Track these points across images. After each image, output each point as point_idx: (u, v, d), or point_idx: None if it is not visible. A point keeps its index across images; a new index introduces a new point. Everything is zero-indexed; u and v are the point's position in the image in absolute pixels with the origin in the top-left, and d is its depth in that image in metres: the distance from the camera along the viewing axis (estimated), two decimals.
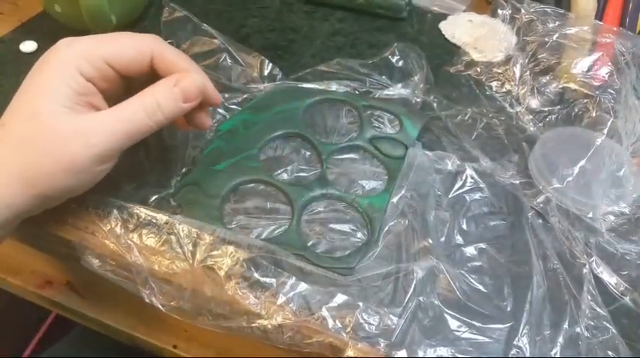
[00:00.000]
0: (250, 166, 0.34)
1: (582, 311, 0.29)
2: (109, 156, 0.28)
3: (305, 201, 0.33)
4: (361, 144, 0.37)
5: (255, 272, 0.29)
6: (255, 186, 0.34)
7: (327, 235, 0.32)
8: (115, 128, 0.27)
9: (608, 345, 0.29)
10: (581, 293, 0.30)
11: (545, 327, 0.29)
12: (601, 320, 0.29)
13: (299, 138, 0.37)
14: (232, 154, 0.35)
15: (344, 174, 0.35)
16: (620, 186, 0.35)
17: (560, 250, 0.32)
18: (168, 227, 0.30)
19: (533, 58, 0.44)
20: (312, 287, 0.28)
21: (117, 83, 0.30)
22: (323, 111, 0.39)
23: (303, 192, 0.33)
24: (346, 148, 0.37)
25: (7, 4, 0.49)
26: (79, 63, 0.28)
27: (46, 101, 0.27)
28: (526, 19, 0.46)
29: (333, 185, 0.34)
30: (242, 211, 0.32)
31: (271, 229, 0.32)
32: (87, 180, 0.28)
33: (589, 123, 0.40)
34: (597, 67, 0.43)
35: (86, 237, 0.30)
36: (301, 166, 0.35)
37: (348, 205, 0.33)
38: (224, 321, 0.28)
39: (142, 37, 0.30)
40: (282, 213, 0.33)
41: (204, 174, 0.34)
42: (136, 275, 0.28)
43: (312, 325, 0.27)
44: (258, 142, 0.36)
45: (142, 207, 0.31)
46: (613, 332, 0.29)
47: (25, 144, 0.27)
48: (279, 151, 0.36)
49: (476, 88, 0.43)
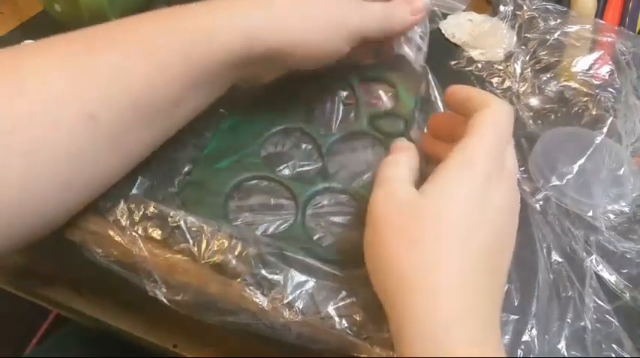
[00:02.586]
0: (252, 163, 0.34)
1: (586, 305, 0.30)
2: (353, 37, 0.32)
3: (308, 196, 0.33)
4: (360, 129, 0.36)
5: (262, 269, 0.29)
6: (258, 182, 0.34)
7: (332, 229, 0.32)
8: (371, 14, 0.33)
9: (612, 339, 0.29)
10: (584, 288, 0.30)
11: (551, 321, 0.29)
12: (604, 314, 0.29)
13: (298, 132, 0.37)
14: (233, 152, 0.35)
15: (345, 166, 0.35)
16: (620, 185, 0.35)
17: (562, 245, 0.32)
18: (174, 221, 0.30)
19: (534, 56, 0.45)
20: (319, 285, 0.28)
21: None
22: (320, 96, 0.39)
23: (305, 187, 0.33)
24: (345, 137, 0.36)
25: (7, 4, 0.49)
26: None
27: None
28: (528, 15, 0.47)
29: (334, 178, 0.34)
30: (247, 208, 0.32)
31: (277, 225, 0.32)
32: (322, 48, 0.31)
33: (588, 121, 0.40)
34: (598, 65, 0.43)
35: (90, 228, 0.30)
36: (302, 161, 0.35)
37: (352, 197, 0.33)
38: (230, 317, 0.28)
39: None
40: (286, 208, 0.33)
41: (207, 173, 0.34)
42: (140, 268, 0.28)
43: (318, 324, 0.27)
44: (259, 138, 0.36)
45: (148, 201, 0.31)
46: (616, 325, 0.29)
47: None
48: (280, 147, 0.36)
49: (477, 84, 0.43)
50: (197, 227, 0.29)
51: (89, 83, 0.26)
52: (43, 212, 0.27)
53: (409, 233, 0.24)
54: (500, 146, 0.26)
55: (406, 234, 0.24)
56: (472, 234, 0.24)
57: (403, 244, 0.24)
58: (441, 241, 0.23)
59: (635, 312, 0.31)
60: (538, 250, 0.32)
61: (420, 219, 0.24)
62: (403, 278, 0.23)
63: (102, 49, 0.27)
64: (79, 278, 0.39)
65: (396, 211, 0.25)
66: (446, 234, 0.23)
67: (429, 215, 0.24)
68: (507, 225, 0.26)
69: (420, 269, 0.23)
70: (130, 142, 0.28)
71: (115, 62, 0.27)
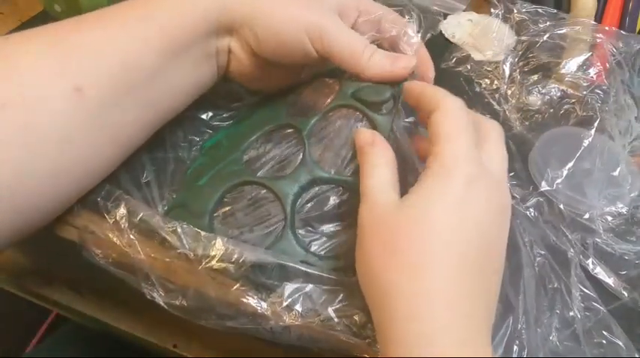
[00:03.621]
0: (232, 170, 0.32)
1: (573, 295, 0.30)
2: (313, 38, 0.31)
3: (294, 196, 0.30)
4: (343, 103, 0.32)
5: (260, 274, 0.28)
6: (241, 190, 0.31)
7: (327, 230, 0.31)
8: (341, 34, 0.31)
9: (602, 325, 0.29)
10: (570, 278, 0.30)
11: (540, 314, 0.29)
12: (591, 302, 0.30)
13: (280, 129, 0.34)
14: (214, 166, 0.33)
15: (329, 148, 0.32)
16: (618, 186, 0.35)
17: (544, 238, 0.33)
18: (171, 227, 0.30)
19: (524, 57, 0.45)
20: (317, 288, 0.28)
21: None
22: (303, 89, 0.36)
23: (290, 185, 0.30)
24: (327, 113, 0.32)
25: (7, 4, 0.49)
26: None
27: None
28: (518, 18, 0.47)
29: (318, 166, 0.31)
30: (233, 224, 0.30)
31: (269, 241, 0.30)
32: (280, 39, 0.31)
33: (576, 122, 0.41)
34: (587, 67, 0.43)
35: (89, 228, 0.30)
36: (284, 153, 0.32)
37: (339, 188, 0.31)
38: (229, 321, 0.28)
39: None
40: (273, 213, 0.30)
41: (189, 193, 0.32)
42: (138, 272, 0.28)
43: (318, 326, 0.27)
44: (241, 146, 0.33)
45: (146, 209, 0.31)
46: (604, 312, 0.30)
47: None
48: (262, 149, 0.33)
49: (465, 85, 0.43)
50: (193, 233, 0.29)
51: (75, 59, 0.27)
52: (39, 194, 0.27)
53: (393, 242, 0.24)
54: (469, 144, 0.25)
55: (390, 243, 0.24)
56: (455, 237, 0.24)
57: (387, 253, 0.24)
58: (423, 247, 0.23)
59: (634, 313, 0.31)
60: (520, 244, 0.32)
61: (402, 228, 0.24)
62: (389, 287, 0.23)
63: (88, 28, 0.28)
64: (79, 278, 0.39)
65: (379, 222, 0.25)
66: (428, 240, 0.23)
67: (411, 223, 0.24)
68: (495, 226, 0.25)
69: (405, 276, 0.23)
70: (115, 120, 0.29)
71: (98, 38, 0.28)
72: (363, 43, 0.31)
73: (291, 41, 0.31)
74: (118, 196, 0.31)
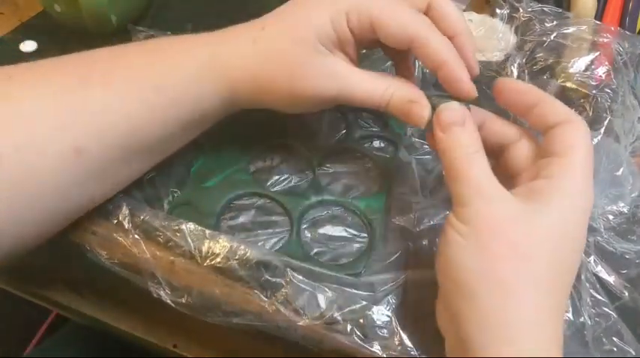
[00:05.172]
0: (241, 179, 0.34)
1: (584, 300, 0.30)
2: (325, 101, 0.29)
3: (302, 210, 0.32)
4: (351, 146, 0.37)
5: (265, 272, 0.28)
6: (249, 199, 0.33)
7: (329, 242, 0.32)
8: (354, 87, 0.29)
9: (612, 331, 0.29)
10: (580, 283, 0.30)
11: None
12: (602, 307, 0.30)
13: (287, 146, 0.36)
14: (221, 169, 0.34)
15: (337, 179, 0.35)
16: (619, 186, 0.35)
17: None
18: (176, 225, 0.30)
19: (531, 57, 0.45)
20: (323, 288, 0.28)
21: (362, 42, 0.30)
22: (308, 116, 0.38)
23: (298, 201, 0.33)
24: (336, 151, 0.37)
25: (7, 4, 0.49)
26: (349, 10, 0.28)
27: (312, 32, 0.28)
28: (524, 18, 0.47)
29: (327, 190, 0.34)
30: (239, 227, 0.32)
31: (272, 243, 0.31)
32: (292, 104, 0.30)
33: (586, 122, 0.40)
34: (595, 66, 0.43)
35: (94, 230, 0.30)
36: (293, 175, 0.35)
37: (345, 209, 0.33)
38: (235, 318, 0.28)
39: (412, 16, 0.28)
40: (280, 224, 0.32)
41: (196, 193, 0.33)
42: (144, 270, 0.28)
43: (323, 327, 0.27)
44: (247, 155, 0.35)
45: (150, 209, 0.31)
46: (614, 318, 0.29)
47: (272, 59, 0.28)
48: (269, 162, 0.36)
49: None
50: (198, 231, 0.29)
51: (81, 118, 0.26)
52: (24, 236, 0.27)
53: (524, 246, 0.24)
54: (592, 169, 0.26)
55: (521, 246, 0.24)
56: (577, 255, 0.25)
57: (519, 257, 0.23)
58: (554, 255, 0.24)
59: (635, 312, 0.31)
60: None
61: (535, 234, 0.24)
62: (514, 288, 0.23)
63: (97, 84, 0.27)
64: (79, 278, 0.39)
65: (503, 220, 0.24)
66: (561, 250, 0.24)
67: (547, 231, 0.24)
68: (582, 245, 0.26)
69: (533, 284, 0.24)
70: (117, 175, 0.29)
71: (108, 99, 0.27)
72: (381, 88, 0.29)
73: (306, 106, 0.31)
74: (119, 197, 0.31)
